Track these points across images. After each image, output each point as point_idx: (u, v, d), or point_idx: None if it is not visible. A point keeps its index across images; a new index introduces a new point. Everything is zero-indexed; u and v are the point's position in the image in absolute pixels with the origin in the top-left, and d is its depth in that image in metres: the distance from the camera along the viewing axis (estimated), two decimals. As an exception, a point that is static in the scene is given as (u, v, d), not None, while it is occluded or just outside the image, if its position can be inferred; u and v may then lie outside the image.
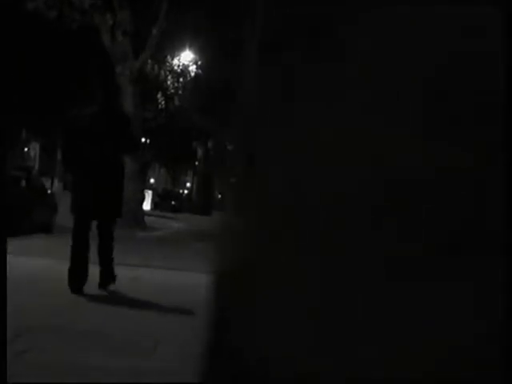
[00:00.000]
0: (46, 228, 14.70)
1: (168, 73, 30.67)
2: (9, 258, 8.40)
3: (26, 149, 48.80)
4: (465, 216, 0.79)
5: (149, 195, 35.60)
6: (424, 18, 0.82)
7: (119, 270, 8.61)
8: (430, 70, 0.81)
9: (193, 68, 30.61)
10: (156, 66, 28.50)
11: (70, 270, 6.91)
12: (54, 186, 38.96)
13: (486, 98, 0.79)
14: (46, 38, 22.97)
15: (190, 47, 28.68)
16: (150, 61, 23.01)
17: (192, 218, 32.14)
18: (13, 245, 10.40)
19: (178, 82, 31.19)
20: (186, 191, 57.37)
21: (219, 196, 59.46)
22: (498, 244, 0.78)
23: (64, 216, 16.57)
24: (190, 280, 8.76)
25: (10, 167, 15.12)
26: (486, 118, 0.79)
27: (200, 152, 46.10)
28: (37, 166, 44.30)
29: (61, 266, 8.76)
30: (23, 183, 14.17)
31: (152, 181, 64.31)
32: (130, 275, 8.48)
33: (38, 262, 9.12)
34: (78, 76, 27.08)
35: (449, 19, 0.81)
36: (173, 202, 45.42)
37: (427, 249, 0.79)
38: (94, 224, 7.25)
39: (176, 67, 30.55)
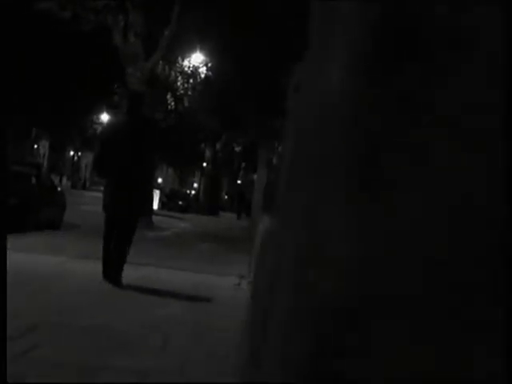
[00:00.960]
0: (54, 225, 14.78)
1: (178, 74, 30.74)
2: (19, 254, 8.55)
3: (35, 146, 48.92)
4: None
5: (156, 195, 35.66)
6: None
7: (129, 269, 8.74)
8: None
9: (203, 70, 30.66)
10: (167, 67, 28.59)
11: (103, 259, 7.60)
12: (62, 184, 39.05)
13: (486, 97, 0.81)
14: (58, 38, 23.07)
15: (201, 49, 28.74)
16: (160, 62, 23.08)
17: (199, 219, 32.18)
18: (20, 241, 10.53)
19: (187, 83, 31.24)
20: (193, 191, 57.44)
21: (225, 197, 59.44)
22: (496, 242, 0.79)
23: (72, 213, 16.70)
24: (195, 279, 8.87)
25: (17, 163, 15.21)
26: (486, 118, 0.80)
27: (208, 153, 46.12)
28: (45, 164, 44.42)
29: (72, 264, 8.90)
30: (33, 180, 14.25)
31: (160, 180, 64.39)
32: (138, 274, 8.61)
33: (51, 259, 9.21)
34: (89, 76, 27.21)
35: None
36: (180, 202, 45.47)
37: None
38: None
39: (186, 69, 30.62)
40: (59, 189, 17.08)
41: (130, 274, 8.65)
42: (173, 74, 30.36)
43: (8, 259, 7.38)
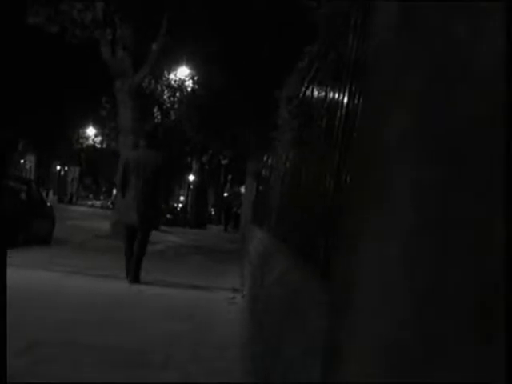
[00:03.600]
0: (45, 240, 14.73)
1: (165, 87, 30.80)
2: (12, 270, 8.51)
3: (22, 160, 48.79)
4: None
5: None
6: None
7: (124, 285, 8.76)
8: None
9: (189, 83, 30.74)
10: (153, 81, 28.63)
11: (127, 265, 9.40)
12: (49, 198, 38.90)
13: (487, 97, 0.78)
14: (47, 52, 23.08)
15: (187, 62, 28.83)
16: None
17: (187, 232, 32.16)
18: (13, 256, 10.49)
19: (174, 96, 31.31)
20: (179, 204, 57.40)
21: (212, 211, 59.39)
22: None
23: (61, 228, 16.65)
24: (191, 293, 8.86)
25: (7, 178, 15.17)
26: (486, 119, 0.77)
27: (195, 166, 46.13)
28: (32, 178, 44.29)
29: (66, 280, 8.87)
30: (23, 195, 14.20)
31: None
32: (135, 289, 8.62)
33: (45, 274, 9.17)
34: (77, 90, 27.21)
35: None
36: (167, 216, 45.35)
37: None
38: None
39: (173, 82, 30.68)
40: (49, 204, 17.02)
41: (127, 288, 8.65)
42: (159, 87, 30.42)
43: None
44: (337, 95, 3.68)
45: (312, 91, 5.71)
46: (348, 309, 0.81)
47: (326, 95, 4.43)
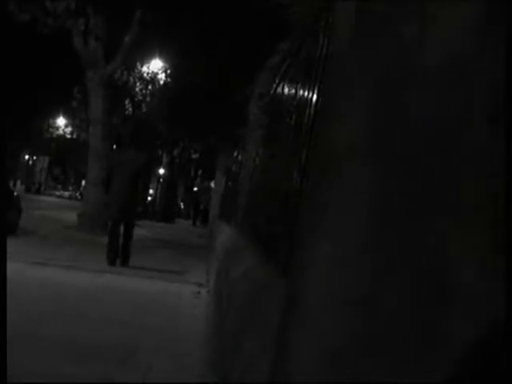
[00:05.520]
0: (10, 229, 14.56)
1: (137, 80, 30.67)
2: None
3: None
4: None
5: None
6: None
7: (92, 276, 8.72)
8: None
9: (162, 76, 30.66)
10: (125, 73, 28.50)
11: (108, 251, 10.68)
12: (16, 188, 38.60)
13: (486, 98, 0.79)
14: (17, 40, 22.84)
15: (160, 55, 28.74)
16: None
17: (155, 226, 32.05)
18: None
19: (146, 89, 31.20)
20: (148, 198, 57.16)
21: (181, 205, 59.26)
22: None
23: (27, 218, 16.49)
24: (157, 287, 8.85)
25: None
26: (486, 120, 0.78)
27: (165, 159, 45.94)
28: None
29: (32, 270, 8.79)
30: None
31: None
32: (101, 281, 8.57)
33: (10, 265, 9.07)
34: (48, 80, 26.95)
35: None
36: (136, 209, 45.14)
37: None
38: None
39: (145, 75, 30.57)
40: (15, 193, 16.84)
41: (93, 280, 8.61)
42: (131, 79, 30.29)
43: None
44: (306, 93, 3.69)
45: (283, 88, 5.72)
46: (298, 306, 0.80)
47: (296, 92, 4.44)
